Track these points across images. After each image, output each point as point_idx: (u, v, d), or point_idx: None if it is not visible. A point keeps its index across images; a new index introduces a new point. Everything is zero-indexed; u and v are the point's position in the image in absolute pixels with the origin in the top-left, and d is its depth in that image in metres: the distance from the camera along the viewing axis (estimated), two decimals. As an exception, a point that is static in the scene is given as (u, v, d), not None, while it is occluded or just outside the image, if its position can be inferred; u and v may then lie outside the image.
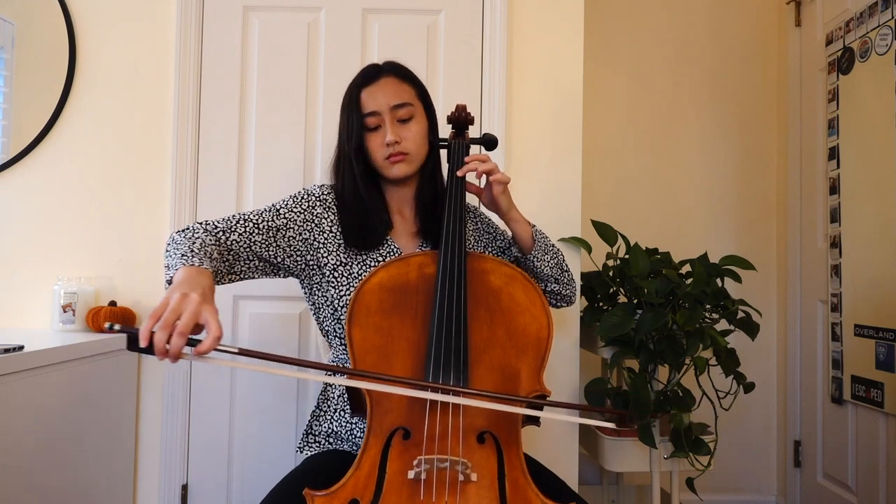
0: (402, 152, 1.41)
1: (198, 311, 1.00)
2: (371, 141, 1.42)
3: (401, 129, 1.41)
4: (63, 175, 2.07)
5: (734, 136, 2.90)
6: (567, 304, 1.62)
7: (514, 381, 1.24)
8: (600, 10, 2.78)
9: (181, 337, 0.97)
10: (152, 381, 2.06)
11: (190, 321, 0.99)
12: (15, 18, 2.06)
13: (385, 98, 1.40)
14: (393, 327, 1.24)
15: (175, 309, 1.00)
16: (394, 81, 1.43)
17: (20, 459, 1.54)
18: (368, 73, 1.45)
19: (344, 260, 1.42)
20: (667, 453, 1.97)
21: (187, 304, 1.01)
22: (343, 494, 1.09)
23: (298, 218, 1.42)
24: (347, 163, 1.43)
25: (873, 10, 2.27)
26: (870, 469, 2.25)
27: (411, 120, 1.42)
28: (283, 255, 1.41)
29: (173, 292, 1.03)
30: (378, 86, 1.42)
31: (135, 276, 2.06)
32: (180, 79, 2.06)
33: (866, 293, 2.27)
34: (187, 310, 1.00)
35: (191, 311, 1.00)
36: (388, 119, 1.40)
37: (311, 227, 1.43)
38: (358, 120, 1.41)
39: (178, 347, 0.98)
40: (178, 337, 0.97)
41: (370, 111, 1.40)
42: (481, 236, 1.60)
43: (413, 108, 1.43)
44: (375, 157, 1.42)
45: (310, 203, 1.44)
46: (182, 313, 0.99)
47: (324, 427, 1.43)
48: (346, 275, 1.41)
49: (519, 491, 1.12)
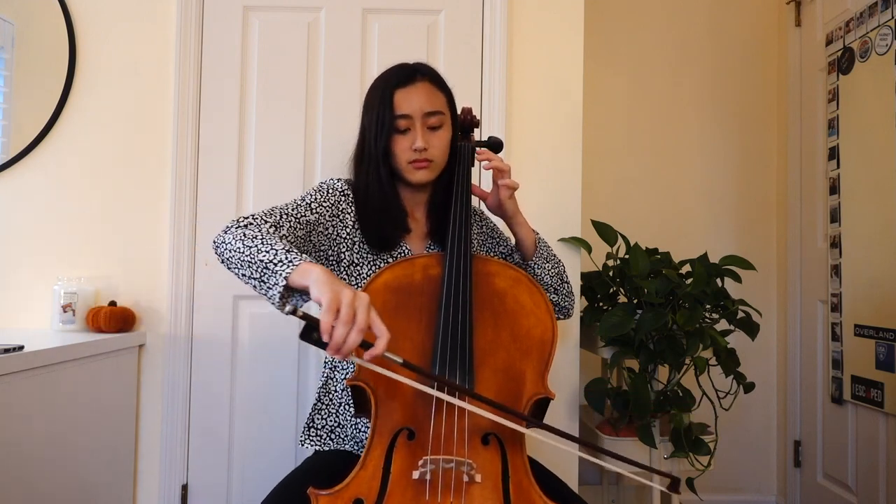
0: (428, 159, 1.40)
1: (371, 311, 1.02)
2: (397, 143, 1.40)
3: (430, 136, 1.40)
4: (63, 175, 2.07)
5: (734, 136, 2.90)
6: (564, 317, 1.60)
7: (518, 383, 1.24)
8: (600, 10, 2.78)
9: (360, 333, 0.99)
10: (152, 381, 2.06)
11: (367, 318, 1.00)
12: (15, 18, 2.06)
13: (419, 103, 1.39)
14: (398, 328, 1.24)
15: (351, 304, 1.00)
16: (429, 87, 1.42)
17: (20, 459, 1.53)
18: (404, 74, 1.42)
19: (356, 260, 1.43)
20: (667, 453, 1.97)
21: (361, 303, 1.01)
22: (347, 494, 1.09)
23: (327, 213, 1.40)
24: (374, 163, 1.41)
25: (873, 10, 2.27)
26: (870, 469, 2.25)
27: (440, 128, 1.42)
28: (313, 249, 1.39)
29: (340, 288, 1.01)
30: (414, 89, 1.40)
31: (135, 275, 2.06)
32: (180, 79, 2.06)
33: (866, 293, 2.27)
34: (362, 307, 1.00)
35: (366, 308, 1.00)
36: (420, 124, 1.39)
37: (336, 221, 1.42)
38: (389, 120, 1.39)
39: (355, 344, 0.99)
40: (357, 333, 0.99)
41: (403, 113, 1.38)
42: (485, 240, 1.60)
43: (444, 116, 1.42)
44: (399, 159, 1.41)
45: (336, 197, 1.43)
46: (357, 311, 1.00)
47: (327, 421, 1.43)
48: (356, 275, 1.42)
49: (522, 492, 1.12)
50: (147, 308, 2.06)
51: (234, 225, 1.22)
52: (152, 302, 2.06)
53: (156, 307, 2.06)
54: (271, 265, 1.11)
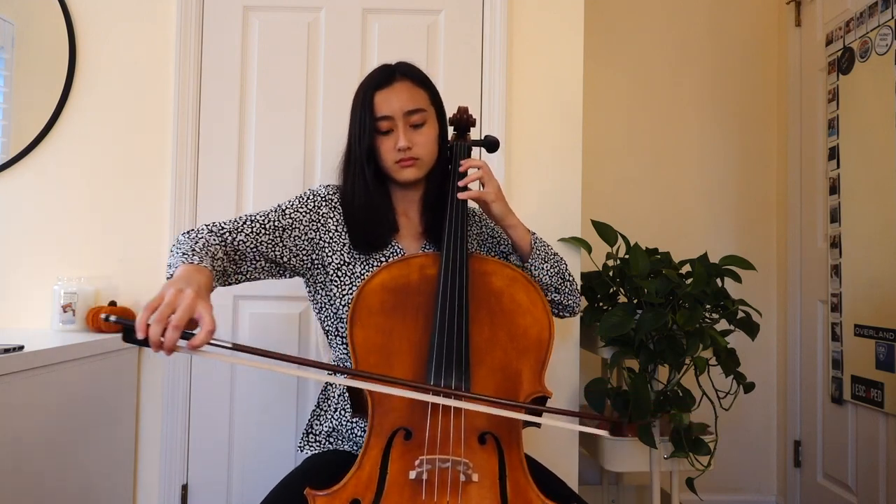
0: (413, 157, 1.40)
1: (192, 306, 1.02)
2: (382, 144, 1.41)
3: (413, 134, 1.40)
4: (63, 175, 2.07)
5: (734, 136, 2.90)
6: (569, 315, 1.59)
7: (515, 382, 1.24)
8: (600, 10, 2.78)
9: (176, 330, 0.99)
10: (152, 381, 2.06)
11: (185, 315, 1.00)
12: (15, 18, 2.06)
13: (399, 103, 1.39)
14: (394, 328, 1.24)
15: (170, 303, 1.01)
16: (408, 86, 1.42)
17: (20, 459, 1.54)
18: (383, 75, 1.43)
19: (347, 260, 1.43)
20: (667, 453, 1.97)
21: (182, 299, 1.02)
22: (344, 494, 1.09)
23: (304, 218, 1.42)
24: (358, 165, 1.42)
25: (873, 10, 2.27)
26: (870, 469, 2.25)
27: (424, 125, 1.42)
28: (290, 255, 1.41)
29: (168, 287, 1.04)
30: (393, 90, 1.40)
31: (135, 275, 2.06)
32: (180, 79, 2.06)
33: (866, 293, 2.27)
34: (182, 304, 1.01)
35: (185, 305, 1.01)
36: (401, 124, 1.39)
37: (318, 226, 1.43)
38: (370, 123, 1.40)
39: (173, 340, 0.99)
40: (172, 330, 0.99)
41: (383, 115, 1.39)
42: (485, 241, 1.59)
43: (426, 113, 1.42)
44: (385, 160, 1.41)
45: (315, 203, 1.45)
46: (177, 308, 1.01)
47: (325, 426, 1.43)
48: (350, 274, 1.42)
49: (520, 491, 1.12)
50: (147, 308, 2.06)
51: (183, 232, 1.32)
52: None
53: (156, 307, 2.06)
54: (168, 269, 1.22)
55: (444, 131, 1.49)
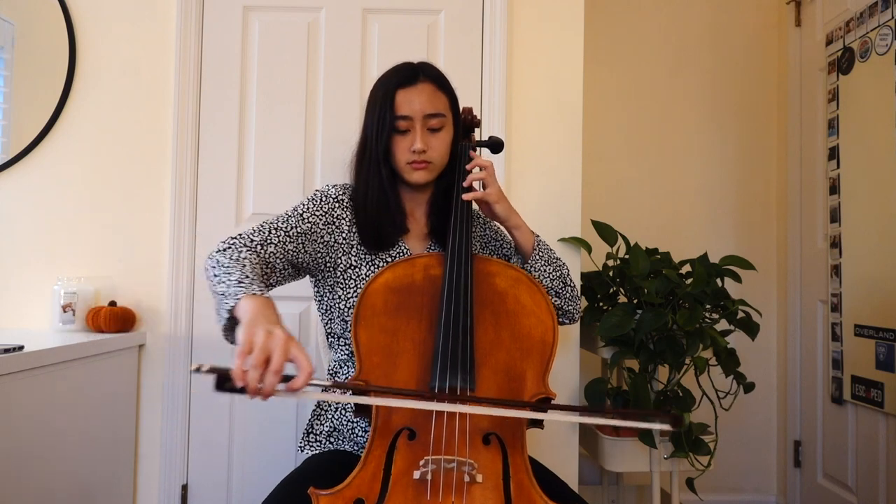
0: (426, 161, 1.39)
1: (287, 349, 1.01)
2: (397, 143, 1.40)
3: (430, 137, 1.39)
4: (63, 175, 2.07)
5: (734, 136, 2.90)
6: (569, 321, 1.56)
7: (519, 383, 1.24)
8: (600, 11, 2.78)
9: (276, 375, 0.98)
10: (152, 381, 2.05)
11: (282, 359, 1.00)
12: (15, 18, 2.05)
13: (421, 105, 1.38)
14: (399, 328, 1.24)
15: (264, 348, 0.99)
16: (432, 89, 1.41)
17: (20, 459, 1.53)
18: (407, 74, 1.41)
19: (355, 263, 1.42)
20: (667, 453, 1.97)
21: (275, 343, 1.00)
22: (348, 494, 1.09)
23: (321, 221, 1.42)
24: (374, 163, 1.41)
25: (873, 10, 2.27)
26: (870, 469, 2.25)
27: (441, 130, 1.41)
28: (310, 259, 1.41)
29: (255, 329, 1.02)
30: (416, 90, 1.39)
31: (135, 276, 2.06)
32: (180, 79, 2.06)
33: (866, 293, 2.27)
34: (277, 348, 1.00)
35: (281, 349, 1.00)
36: (419, 126, 1.38)
37: (332, 228, 1.43)
38: (390, 121, 1.38)
39: (272, 386, 0.99)
40: (272, 376, 0.98)
41: (403, 114, 1.38)
42: (489, 242, 1.59)
43: (445, 118, 1.41)
44: (398, 159, 1.41)
45: (329, 205, 1.44)
46: (272, 353, 1.00)
47: (325, 426, 1.43)
48: (355, 276, 1.42)
49: (523, 492, 1.12)
50: (147, 308, 2.06)
51: (218, 248, 1.28)
52: (152, 302, 2.06)
53: (156, 307, 2.06)
54: (221, 298, 1.17)
55: (458, 136, 1.48)
